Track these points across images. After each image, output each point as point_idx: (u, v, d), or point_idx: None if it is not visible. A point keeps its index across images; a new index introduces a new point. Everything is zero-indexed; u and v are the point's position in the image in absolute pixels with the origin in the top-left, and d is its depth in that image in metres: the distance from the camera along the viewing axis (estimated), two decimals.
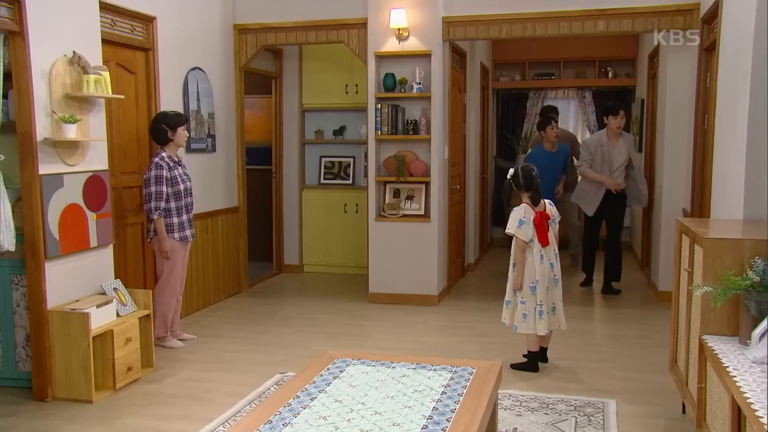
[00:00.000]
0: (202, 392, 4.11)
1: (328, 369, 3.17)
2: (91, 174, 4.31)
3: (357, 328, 5.50)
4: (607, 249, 6.61)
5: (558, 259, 4.38)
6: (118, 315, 4.26)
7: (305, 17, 6.32)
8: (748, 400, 2.21)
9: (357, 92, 7.35)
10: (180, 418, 3.72)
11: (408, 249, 6.15)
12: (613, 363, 4.59)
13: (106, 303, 4.16)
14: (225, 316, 5.88)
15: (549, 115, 6.76)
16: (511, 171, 4.43)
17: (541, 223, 4.27)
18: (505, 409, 3.73)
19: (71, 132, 4.03)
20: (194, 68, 5.83)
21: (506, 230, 4.37)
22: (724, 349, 2.78)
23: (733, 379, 2.43)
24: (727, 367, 2.55)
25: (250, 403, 3.88)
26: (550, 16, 5.84)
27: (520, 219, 4.28)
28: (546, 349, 4.49)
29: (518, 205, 4.37)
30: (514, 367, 4.42)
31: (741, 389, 2.31)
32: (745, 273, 2.80)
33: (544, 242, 4.27)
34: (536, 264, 4.27)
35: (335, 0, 6.25)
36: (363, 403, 2.75)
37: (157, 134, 4.84)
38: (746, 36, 3.72)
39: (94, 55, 4.33)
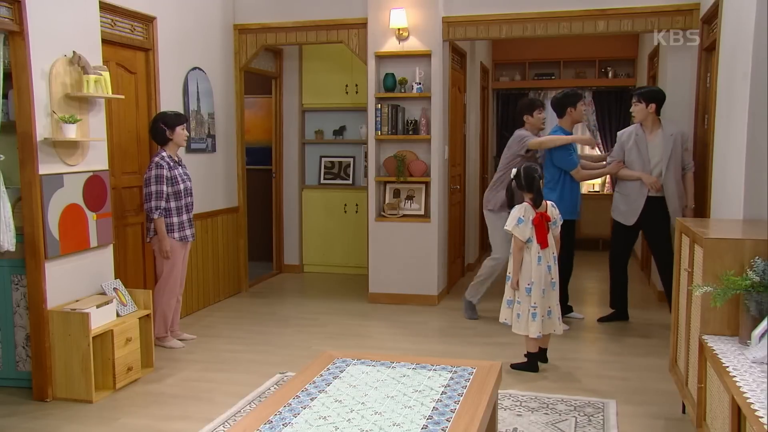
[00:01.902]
0: (202, 392, 4.11)
1: (328, 369, 3.17)
2: (91, 174, 4.31)
3: (357, 328, 5.50)
4: (660, 274, 5.50)
5: (556, 262, 4.37)
6: (118, 315, 4.26)
7: (305, 17, 6.32)
8: (748, 400, 2.21)
9: (357, 92, 7.36)
10: (180, 418, 3.72)
11: (408, 249, 6.15)
12: (613, 363, 4.59)
13: (106, 303, 4.16)
14: (225, 316, 5.88)
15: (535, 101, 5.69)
16: (514, 171, 4.41)
17: (540, 224, 4.25)
18: (505, 409, 3.73)
19: (71, 132, 4.03)
20: (194, 68, 5.83)
21: (504, 227, 4.39)
22: (724, 349, 2.78)
23: (733, 379, 2.43)
24: (727, 367, 2.55)
25: (250, 403, 3.88)
26: (550, 16, 5.84)
27: (519, 217, 4.26)
28: (545, 349, 4.49)
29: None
30: (514, 367, 4.42)
31: (741, 389, 2.31)
32: (745, 273, 2.80)
33: (543, 244, 4.26)
34: (533, 265, 4.26)
35: (335, 0, 6.25)
36: (363, 403, 2.75)
37: (156, 134, 4.84)
38: (746, 36, 3.72)
39: (94, 55, 4.33)
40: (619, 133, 5.51)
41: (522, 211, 4.27)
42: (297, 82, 7.60)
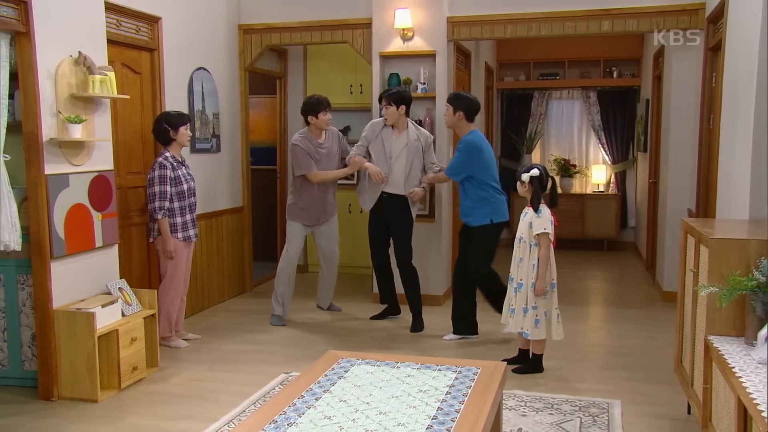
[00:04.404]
0: (207, 392, 4.12)
1: (333, 369, 3.17)
2: (96, 174, 4.33)
3: (361, 328, 5.50)
4: (401, 277, 5.57)
5: None
6: (123, 315, 4.27)
7: (310, 17, 6.32)
8: (754, 401, 2.21)
9: (361, 92, 7.35)
10: (185, 418, 3.73)
11: (413, 249, 6.13)
12: (618, 363, 4.58)
13: (112, 303, 4.17)
14: (229, 315, 5.89)
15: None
16: (536, 171, 4.22)
17: (554, 223, 4.27)
18: (509, 410, 3.72)
19: (77, 132, 4.04)
20: (199, 68, 5.84)
21: (542, 230, 4.16)
22: (729, 349, 2.77)
23: (739, 379, 2.42)
24: (733, 367, 2.55)
25: (254, 403, 3.88)
26: (555, 16, 5.84)
27: (550, 219, 4.23)
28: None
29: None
30: (518, 371, 4.36)
31: (747, 390, 2.31)
32: (751, 273, 2.79)
33: (554, 243, 4.27)
34: (553, 265, 4.27)
35: (340, 0, 6.25)
36: (368, 403, 2.75)
37: (160, 134, 4.85)
38: (752, 36, 3.71)
39: (99, 55, 4.34)
40: (367, 125, 5.54)
41: (548, 212, 4.24)
42: (301, 82, 7.60)
